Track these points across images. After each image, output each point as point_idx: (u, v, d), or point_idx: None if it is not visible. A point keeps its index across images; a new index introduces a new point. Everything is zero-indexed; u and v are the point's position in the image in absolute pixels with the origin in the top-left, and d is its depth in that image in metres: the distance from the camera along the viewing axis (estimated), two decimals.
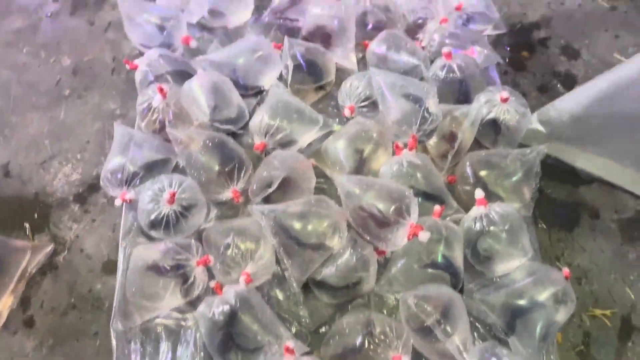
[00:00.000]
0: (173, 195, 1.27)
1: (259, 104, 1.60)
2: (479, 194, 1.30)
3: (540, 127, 1.50)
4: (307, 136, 1.51)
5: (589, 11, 1.92)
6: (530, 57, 1.78)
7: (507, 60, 1.76)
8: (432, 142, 1.46)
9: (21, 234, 1.40)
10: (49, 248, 1.35)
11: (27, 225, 1.41)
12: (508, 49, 1.80)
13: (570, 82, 1.72)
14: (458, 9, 1.71)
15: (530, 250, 1.30)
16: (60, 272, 1.34)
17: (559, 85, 1.72)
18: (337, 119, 1.59)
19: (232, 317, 1.15)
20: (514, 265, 1.29)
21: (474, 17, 1.74)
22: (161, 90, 1.40)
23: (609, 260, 1.39)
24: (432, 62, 1.62)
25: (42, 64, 1.72)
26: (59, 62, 1.72)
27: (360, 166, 1.41)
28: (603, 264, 1.39)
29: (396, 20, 1.75)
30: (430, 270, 1.25)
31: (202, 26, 1.76)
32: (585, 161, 1.50)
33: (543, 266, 1.29)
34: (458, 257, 1.27)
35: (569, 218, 1.46)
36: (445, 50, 1.52)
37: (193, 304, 1.26)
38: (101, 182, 1.39)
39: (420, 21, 1.69)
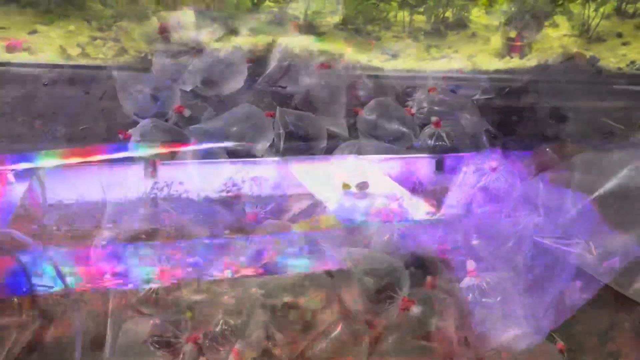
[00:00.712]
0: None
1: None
2: (471, 264, 1.30)
3: None
4: (300, 204, 1.52)
5: (574, 73, 1.97)
6: (519, 122, 1.81)
7: (496, 124, 1.79)
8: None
9: (8, 308, 1.38)
10: (36, 325, 1.32)
11: (15, 299, 1.39)
12: (497, 113, 1.83)
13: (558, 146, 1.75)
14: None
15: (524, 321, 1.29)
16: (47, 349, 1.31)
17: (547, 150, 1.73)
18: None
19: None
20: (509, 336, 1.27)
21: (462, 83, 1.78)
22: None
23: (603, 329, 1.38)
24: (421, 128, 1.65)
25: (37, 134, 1.73)
26: (54, 131, 1.74)
27: None
28: (598, 333, 1.37)
29: (385, 88, 1.79)
30: (423, 342, 1.24)
31: (195, 94, 1.79)
32: None
33: (538, 339, 1.27)
34: (451, 329, 1.26)
35: None
36: (434, 119, 1.56)
37: None
38: (92, 255, 1.38)
39: (409, 90, 1.73)
